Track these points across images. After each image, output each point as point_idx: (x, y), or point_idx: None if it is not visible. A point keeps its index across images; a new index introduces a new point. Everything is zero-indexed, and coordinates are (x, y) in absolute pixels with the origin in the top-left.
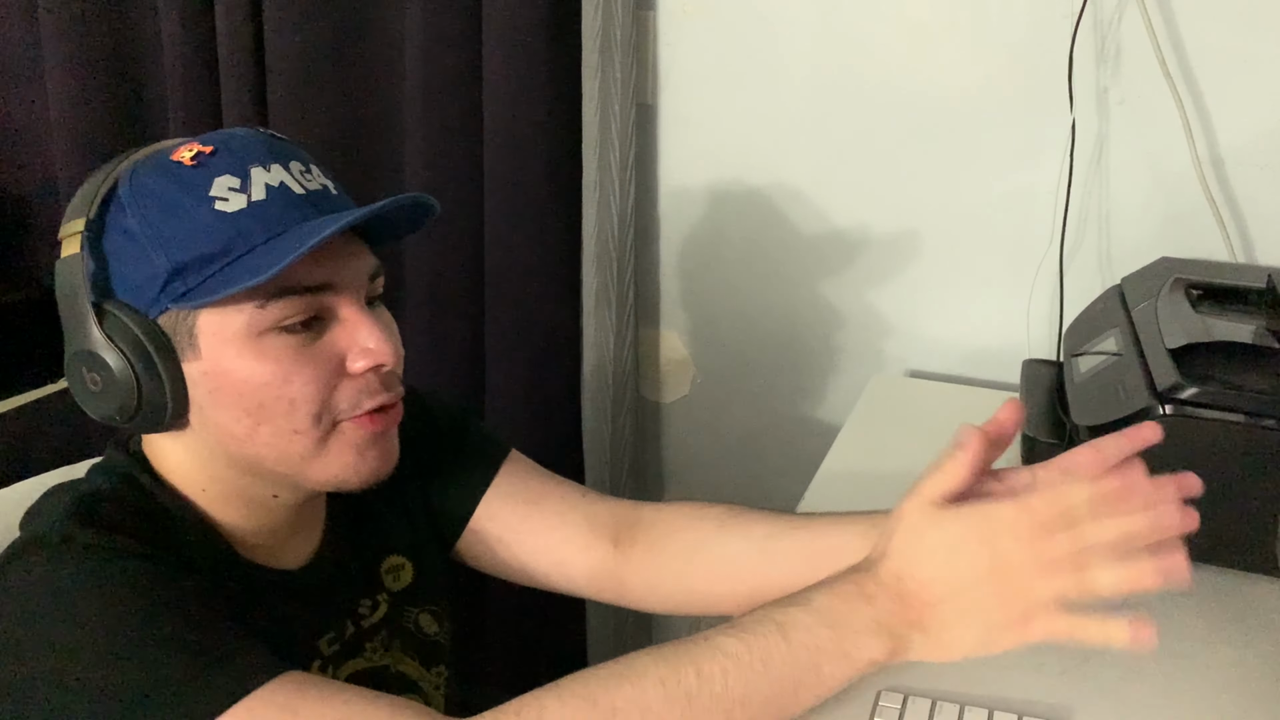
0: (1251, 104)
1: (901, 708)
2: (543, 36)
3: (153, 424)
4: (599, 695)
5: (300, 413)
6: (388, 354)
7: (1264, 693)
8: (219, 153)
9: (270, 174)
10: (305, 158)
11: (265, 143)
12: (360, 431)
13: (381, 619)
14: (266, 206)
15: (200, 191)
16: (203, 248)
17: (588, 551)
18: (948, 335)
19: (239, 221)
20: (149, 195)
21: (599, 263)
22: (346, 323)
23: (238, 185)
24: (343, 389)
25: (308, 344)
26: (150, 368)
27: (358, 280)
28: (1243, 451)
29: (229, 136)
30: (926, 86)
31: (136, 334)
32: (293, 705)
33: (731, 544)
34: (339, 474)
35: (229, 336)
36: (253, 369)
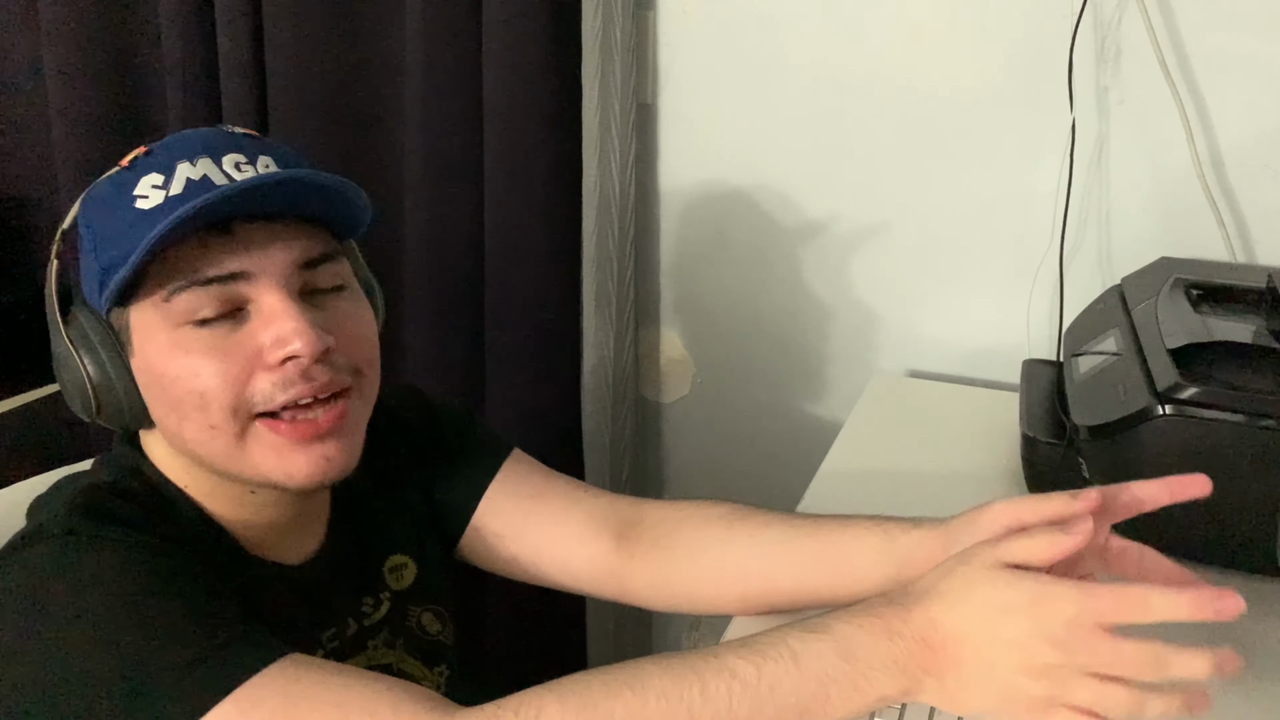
0: (1251, 104)
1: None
2: (543, 36)
3: (120, 421)
4: (599, 701)
5: (213, 407)
6: (303, 343)
7: (1264, 693)
8: (153, 152)
9: (195, 168)
10: (255, 150)
11: (210, 137)
12: (275, 436)
13: (384, 617)
14: (181, 199)
15: (128, 191)
16: (123, 246)
17: (590, 548)
18: (948, 335)
19: (152, 217)
20: (93, 201)
21: (599, 263)
22: (264, 313)
23: (160, 182)
24: (258, 380)
25: (223, 337)
26: (100, 367)
27: (277, 267)
28: (1243, 451)
29: (177, 137)
30: (926, 86)
31: (89, 334)
32: (292, 688)
33: (739, 546)
34: (267, 475)
35: (151, 332)
36: (168, 363)
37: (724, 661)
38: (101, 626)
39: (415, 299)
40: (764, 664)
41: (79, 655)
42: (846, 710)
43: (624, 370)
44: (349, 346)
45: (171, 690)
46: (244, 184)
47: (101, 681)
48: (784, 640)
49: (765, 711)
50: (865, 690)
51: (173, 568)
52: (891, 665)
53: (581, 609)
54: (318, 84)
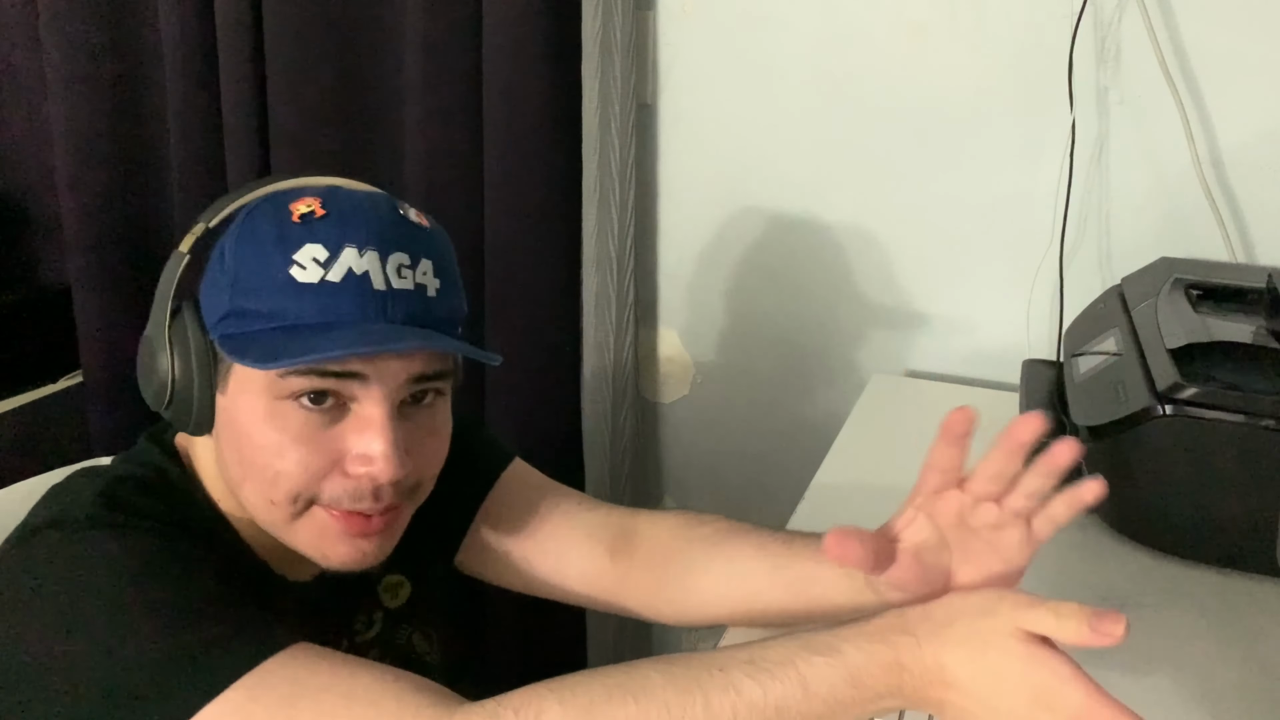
0: (1251, 104)
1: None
2: (543, 36)
3: (182, 424)
4: (601, 707)
5: (280, 488)
6: (386, 470)
7: (1264, 693)
8: (328, 218)
9: (361, 260)
10: (420, 251)
11: (381, 223)
12: (330, 522)
13: (375, 636)
14: (336, 291)
15: (289, 251)
16: (261, 304)
17: (584, 566)
18: (948, 335)
19: (303, 295)
20: (251, 233)
21: (599, 263)
22: (362, 420)
23: (323, 259)
24: (331, 481)
25: (318, 426)
26: (188, 378)
27: (392, 379)
28: (1243, 451)
29: (354, 203)
30: (926, 86)
31: (190, 343)
32: (300, 675)
33: (718, 570)
34: (305, 550)
35: (252, 390)
36: (256, 429)
37: (730, 678)
38: (119, 613)
39: None
40: (771, 685)
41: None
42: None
43: (624, 370)
44: (423, 464)
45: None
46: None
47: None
48: (792, 662)
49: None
50: (867, 710)
51: (189, 555)
52: (897, 693)
53: (581, 620)
54: (318, 84)
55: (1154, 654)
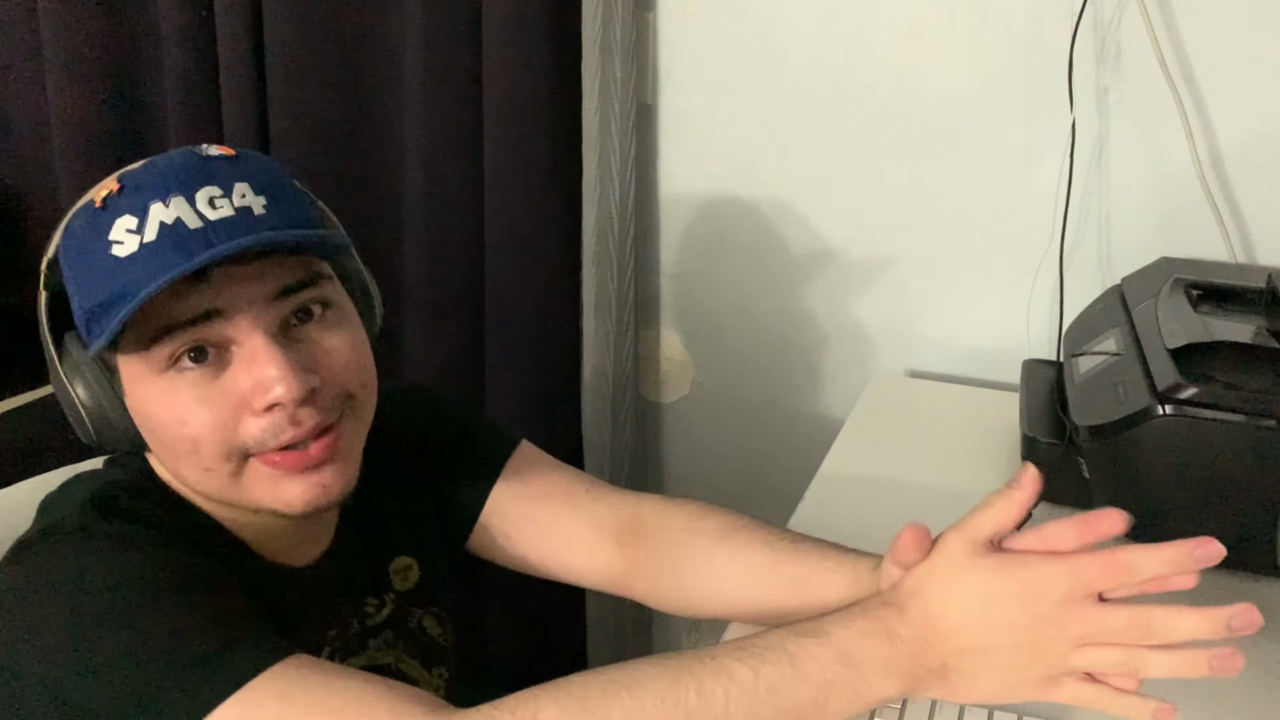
0: (1251, 104)
1: (901, 708)
2: (543, 36)
3: (123, 448)
4: (596, 703)
5: (205, 452)
6: (286, 390)
7: (1264, 693)
8: (125, 190)
9: (169, 209)
10: (230, 178)
11: (181, 170)
12: (269, 470)
13: (386, 618)
14: (155, 248)
15: (103, 235)
16: (101, 294)
17: (592, 555)
18: (948, 335)
19: (128, 267)
20: (71, 239)
21: (599, 263)
22: (244, 355)
23: (134, 226)
24: (247, 425)
25: (209, 382)
26: (96, 403)
27: (251, 304)
28: (1243, 451)
29: (149, 166)
30: (926, 87)
31: (83, 371)
32: (292, 690)
33: (721, 566)
34: (264, 504)
35: (139, 377)
36: (157, 409)
37: (721, 664)
38: (110, 624)
39: (415, 299)
40: (761, 667)
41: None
42: (847, 713)
43: (624, 370)
44: (337, 377)
45: (176, 689)
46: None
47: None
48: (781, 645)
49: (762, 714)
50: (865, 694)
51: (183, 566)
52: (892, 667)
53: (582, 610)
54: (317, 85)
55: None
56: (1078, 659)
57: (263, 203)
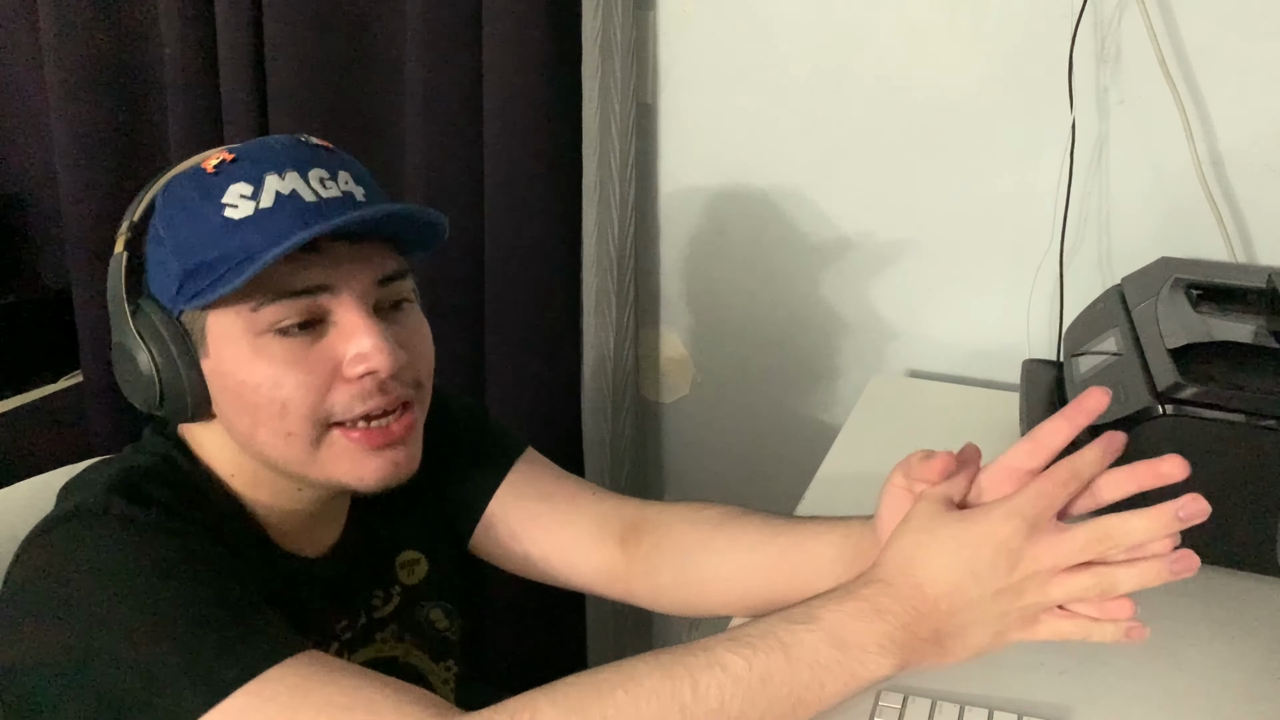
0: (1251, 104)
1: (901, 708)
2: (543, 36)
3: (179, 414)
4: (592, 702)
5: (292, 416)
6: (382, 360)
7: (1264, 693)
8: (240, 160)
9: (284, 181)
10: (335, 165)
11: (292, 149)
12: (351, 443)
13: (393, 611)
14: (272, 214)
15: (215, 198)
16: (209, 253)
17: (595, 553)
18: (948, 335)
19: (243, 229)
20: (175, 201)
21: (599, 263)
22: (344, 327)
23: (249, 193)
24: (337, 393)
25: (305, 348)
26: (170, 363)
27: (359, 283)
28: (1243, 451)
29: (259, 144)
30: (926, 86)
31: (160, 330)
32: (303, 685)
33: (722, 551)
34: (339, 479)
35: (232, 338)
36: (249, 371)
37: (714, 656)
38: (132, 611)
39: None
40: (754, 657)
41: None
42: (843, 694)
43: (624, 370)
44: (417, 361)
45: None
46: (352, 219)
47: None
48: (773, 633)
49: (758, 705)
50: (861, 674)
51: (201, 554)
52: (887, 644)
53: (582, 609)
54: (318, 85)
55: (1153, 654)
56: (1055, 590)
57: (362, 191)
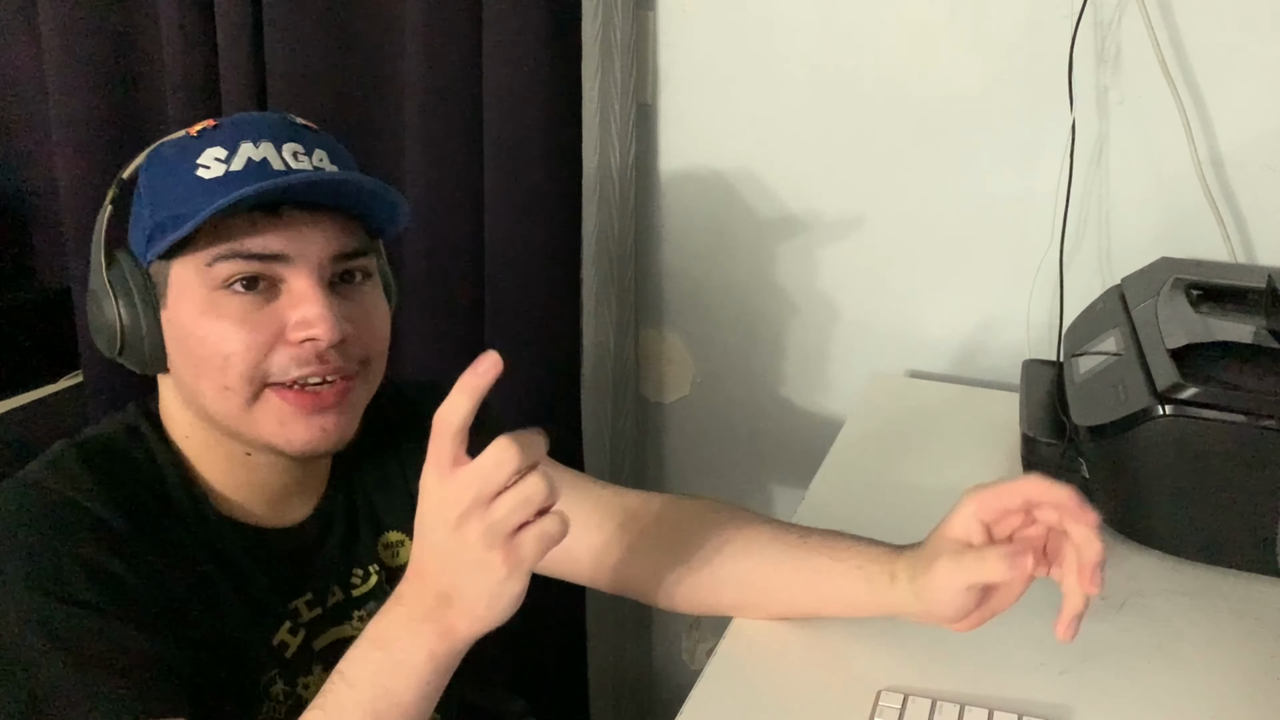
0: (1251, 104)
1: (901, 708)
2: (543, 37)
3: (137, 362)
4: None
5: (231, 370)
6: (325, 329)
7: (1264, 693)
8: (221, 127)
9: (258, 150)
10: (312, 142)
11: (275, 123)
12: (282, 404)
13: (372, 590)
14: (239, 176)
15: (191, 159)
16: (178, 208)
17: (594, 536)
18: (948, 335)
19: (211, 187)
20: (157, 160)
21: (599, 263)
22: (294, 293)
23: (223, 156)
24: (277, 354)
25: (255, 307)
26: (131, 311)
27: (315, 254)
28: (1243, 451)
29: (245, 115)
30: (926, 86)
31: (127, 279)
32: None
33: (732, 557)
34: (268, 439)
35: (188, 290)
36: (198, 322)
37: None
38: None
39: (415, 298)
40: (326, 701)
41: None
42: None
43: (624, 370)
44: (363, 337)
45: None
46: (301, 178)
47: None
48: (337, 669)
49: None
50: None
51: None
52: (411, 624)
53: (582, 609)
54: (317, 86)
55: (1153, 653)
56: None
57: (335, 169)
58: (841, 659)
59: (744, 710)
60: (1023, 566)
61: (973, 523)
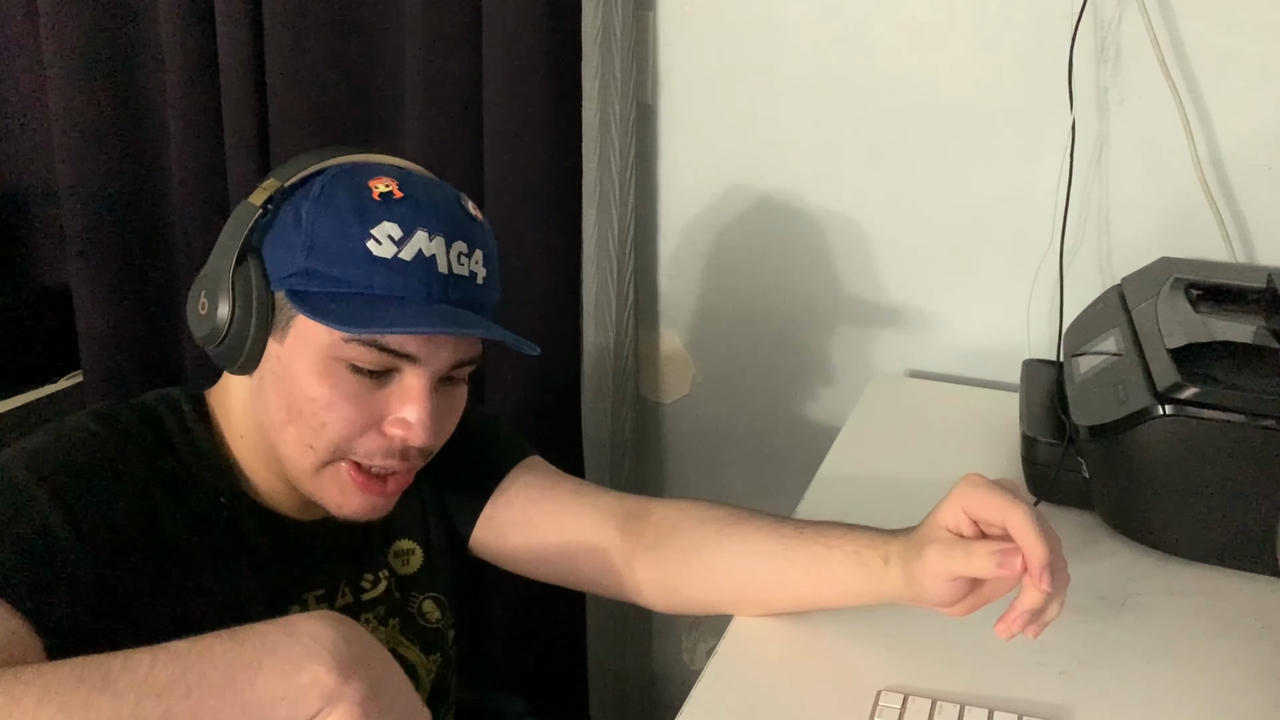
0: (1251, 104)
1: (901, 708)
2: (543, 37)
3: (225, 363)
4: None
5: (323, 437)
6: (421, 437)
7: (1264, 692)
8: (405, 201)
9: (431, 243)
10: (475, 241)
11: (451, 212)
12: (350, 480)
13: (381, 595)
14: (406, 269)
15: (367, 226)
16: (334, 269)
17: (595, 540)
18: (948, 335)
19: (376, 267)
20: (330, 203)
21: (599, 262)
22: (405, 389)
23: (397, 237)
24: (367, 438)
25: (367, 389)
26: (245, 322)
27: (440, 362)
28: (1243, 451)
29: (426, 192)
30: (926, 86)
31: (252, 291)
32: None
33: (729, 553)
34: (324, 500)
35: (311, 346)
36: (311, 383)
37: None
38: None
39: None
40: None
41: None
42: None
43: (624, 370)
44: (441, 435)
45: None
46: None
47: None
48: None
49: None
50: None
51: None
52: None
53: (582, 610)
54: (317, 85)
55: (1153, 653)
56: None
57: (484, 274)
58: (841, 659)
59: (744, 710)
60: (1011, 567)
61: (962, 516)
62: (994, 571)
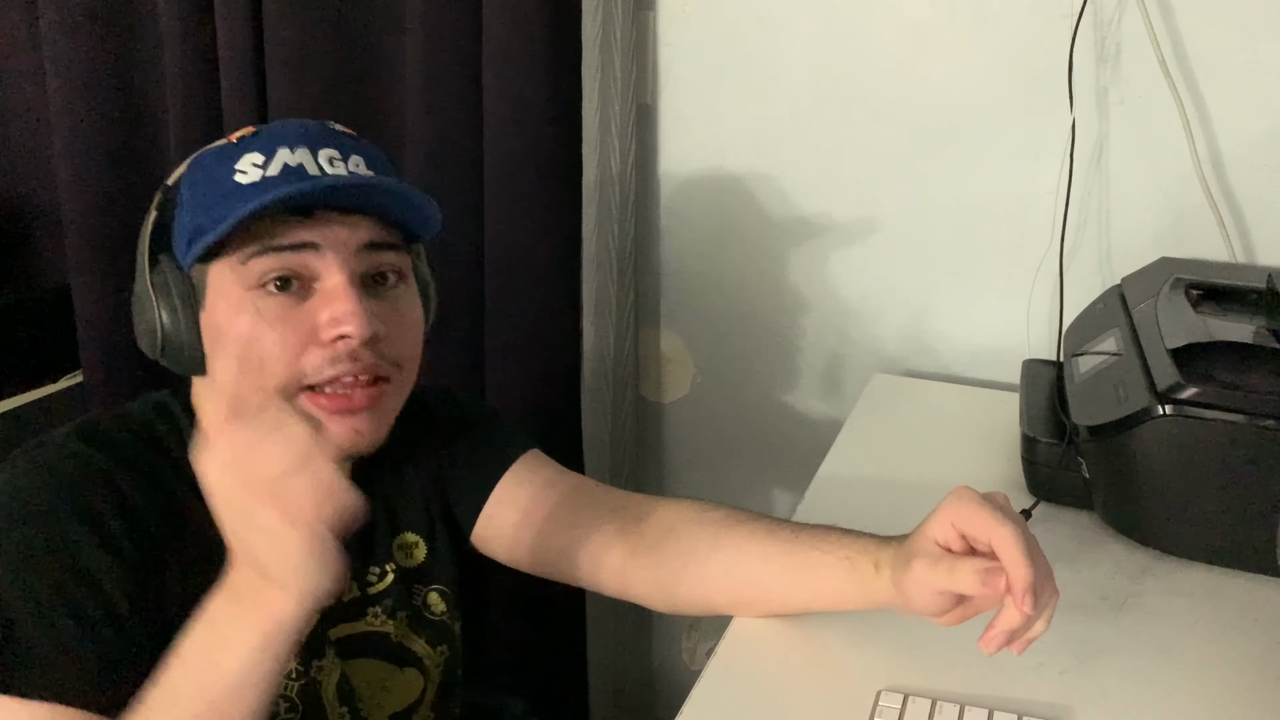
0: (1251, 104)
1: (901, 708)
2: (543, 36)
3: (178, 364)
4: None
5: (268, 372)
6: (356, 325)
7: (1264, 692)
8: (259, 134)
9: (294, 155)
10: (350, 148)
11: (312, 130)
12: (317, 408)
13: (387, 589)
14: (275, 181)
15: (229, 164)
16: (215, 212)
17: (595, 538)
18: (948, 335)
19: (247, 191)
20: (197, 166)
21: (599, 263)
22: (327, 292)
23: (260, 162)
24: (311, 354)
25: (288, 308)
26: (173, 314)
27: (343, 245)
28: (1243, 451)
29: (284, 122)
30: (926, 86)
31: (169, 284)
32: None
33: (725, 555)
34: None
35: (225, 291)
36: (235, 323)
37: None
38: None
39: None
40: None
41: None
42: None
43: (624, 370)
44: (396, 338)
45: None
46: (331, 181)
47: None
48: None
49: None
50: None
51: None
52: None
53: (582, 609)
54: (318, 85)
55: (1153, 653)
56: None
57: (371, 175)
58: (841, 659)
59: (744, 710)
60: (994, 586)
61: (950, 530)
62: (977, 590)
